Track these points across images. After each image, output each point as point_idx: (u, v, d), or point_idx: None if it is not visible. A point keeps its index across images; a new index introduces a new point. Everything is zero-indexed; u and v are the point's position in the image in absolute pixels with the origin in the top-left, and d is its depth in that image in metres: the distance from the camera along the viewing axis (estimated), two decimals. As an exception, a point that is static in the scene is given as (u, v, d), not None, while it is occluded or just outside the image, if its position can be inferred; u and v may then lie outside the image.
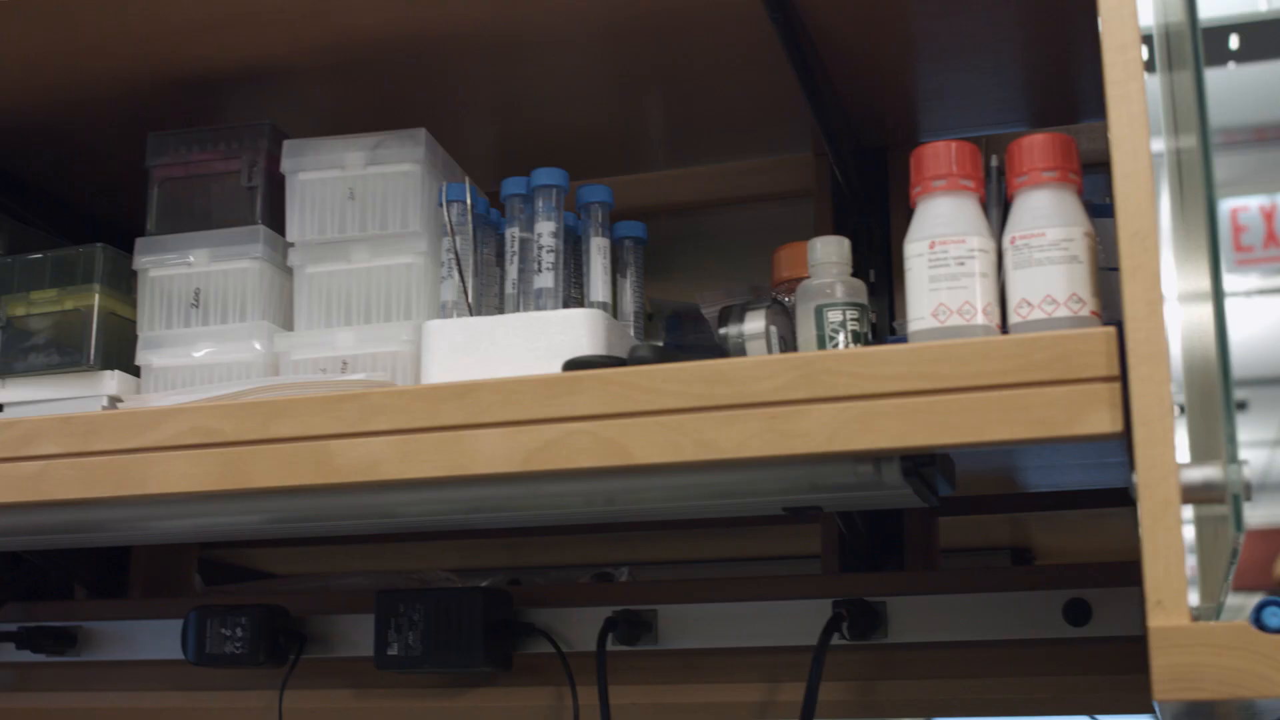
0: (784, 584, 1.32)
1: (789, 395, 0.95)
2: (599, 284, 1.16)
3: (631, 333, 1.22)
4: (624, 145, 1.55)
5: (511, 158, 1.51)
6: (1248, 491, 0.91)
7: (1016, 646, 1.25)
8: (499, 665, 1.35)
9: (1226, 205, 4.95)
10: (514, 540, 1.73)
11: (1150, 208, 0.89)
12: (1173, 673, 0.84)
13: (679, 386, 0.97)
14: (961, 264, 0.99)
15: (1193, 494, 0.89)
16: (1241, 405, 7.01)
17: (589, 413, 0.99)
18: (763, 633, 1.31)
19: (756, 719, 1.31)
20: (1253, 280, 5.73)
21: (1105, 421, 0.89)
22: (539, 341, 1.10)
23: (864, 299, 1.09)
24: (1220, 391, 0.93)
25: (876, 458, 1.00)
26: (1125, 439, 0.87)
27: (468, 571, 1.76)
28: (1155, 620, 0.85)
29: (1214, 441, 0.92)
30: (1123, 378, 0.87)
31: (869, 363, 0.94)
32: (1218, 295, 0.93)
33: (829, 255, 1.10)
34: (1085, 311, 0.96)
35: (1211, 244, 0.94)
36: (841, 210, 1.45)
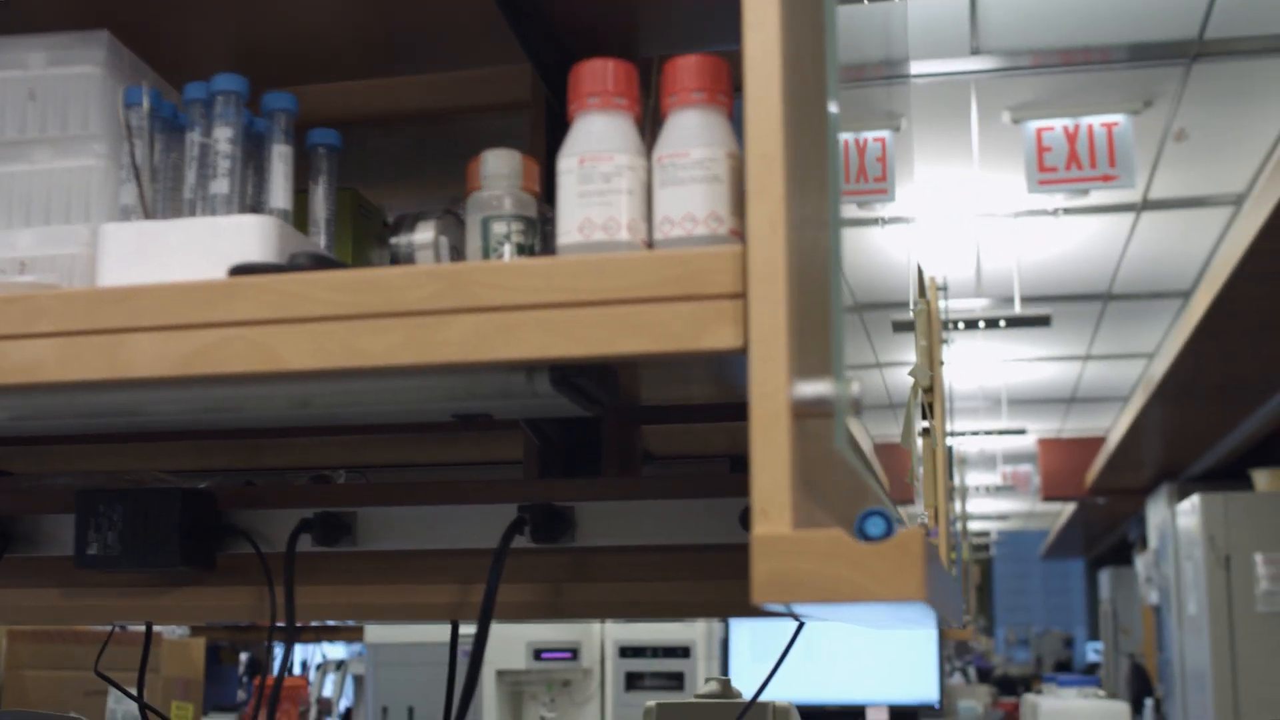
0: (478, 489, 1.34)
1: (436, 305, 0.97)
2: (279, 191, 1.17)
3: (322, 240, 1.22)
4: (361, 50, 1.55)
5: (246, 63, 1.50)
6: (855, 408, 0.95)
7: (696, 551, 1.29)
8: (200, 565, 1.36)
9: (1032, 126, 5.06)
10: (254, 442, 1.73)
11: (777, 132, 0.92)
12: (772, 578, 0.88)
13: (331, 295, 0.99)
14: (608, 180, 1.01)
15: (804, 408, 0.93)
16: (1045, 321, 7.22)
17: (245, 318, 1.00)
18: (458, 535, 1.34)
19: (450, 618, 1.34)
20: (1057, 200, 5.88)
21: (728, 337, 0.93)
22: (211, 247, 1.10)
23: (533, 213, 1.11)
24: (831, 310, 0.97)
25: (529, 367, 1.03)
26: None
27: (202, 473, 1.76)
28: (759, 528, 0.89)
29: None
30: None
31: (513, 275, 0.97)
32: (835, 219, 0.97)
33: (499, 168, 1.12)
34: (724, 230, 0.99)
35: (833, 167, 0.98)
36: (556, 123, 1.47)
